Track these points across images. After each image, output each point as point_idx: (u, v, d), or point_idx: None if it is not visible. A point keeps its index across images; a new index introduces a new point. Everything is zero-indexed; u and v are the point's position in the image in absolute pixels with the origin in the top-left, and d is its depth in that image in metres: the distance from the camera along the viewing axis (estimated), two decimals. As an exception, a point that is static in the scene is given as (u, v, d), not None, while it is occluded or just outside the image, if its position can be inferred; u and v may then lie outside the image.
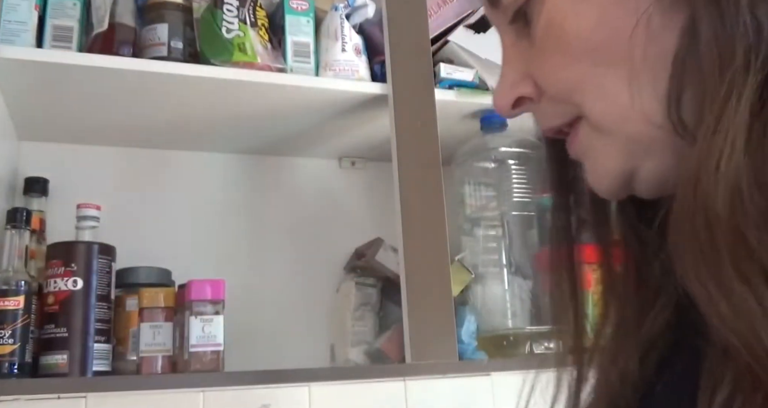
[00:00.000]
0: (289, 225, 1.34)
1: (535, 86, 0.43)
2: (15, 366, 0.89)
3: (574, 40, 0.39)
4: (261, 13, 1.13)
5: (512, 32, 0.43)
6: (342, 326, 1.21)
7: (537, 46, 0.41)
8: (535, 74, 0.42)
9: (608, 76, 0.38)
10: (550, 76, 0.41)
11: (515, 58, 0.43)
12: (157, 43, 1.07)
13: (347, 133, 1.29)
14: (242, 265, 1.28)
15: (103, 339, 0.95)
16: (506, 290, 1.15)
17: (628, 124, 0.38)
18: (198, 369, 0.95)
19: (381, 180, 1.35)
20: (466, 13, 1.24)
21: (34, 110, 1.12)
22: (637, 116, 0.38)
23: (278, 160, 1.38)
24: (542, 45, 0.41)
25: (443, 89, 1.16)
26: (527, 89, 0.43)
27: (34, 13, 1.01)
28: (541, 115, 0.45)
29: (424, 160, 1.09)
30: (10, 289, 0.91)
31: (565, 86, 0.40)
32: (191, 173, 1.31)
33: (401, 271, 1.04)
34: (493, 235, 1.19)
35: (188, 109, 1.14)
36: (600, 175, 0.42)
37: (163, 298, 1.01)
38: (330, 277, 1.31)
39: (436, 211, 1.07)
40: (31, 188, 1.12)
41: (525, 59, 0.43)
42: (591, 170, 0.43)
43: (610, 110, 0.39)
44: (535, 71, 0.42)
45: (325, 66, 1.14)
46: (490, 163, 1.21)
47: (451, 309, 1.04)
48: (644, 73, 0.37)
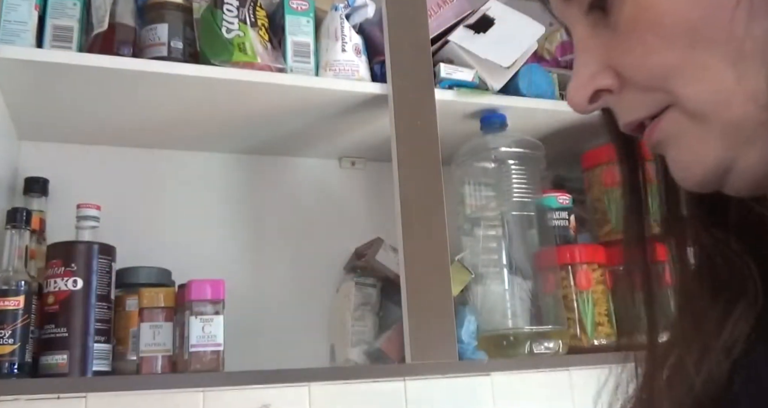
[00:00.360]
0: (289, 225, 1.34)
1: (617, 76, 0.40)
2: (15, 366, 0.89)
3: (668, 20, 0.37)
4: (261, 13, 1.13)
5: (588, 23, 0.41)
6: (342, 326, 1.21)
7: (622, 32, 0.39)
8: (619, 63, 0.40)
9: (709, 57, 0.36)
10: (640, 62, 0.39)
11: (592, 50, 0.41)
12: (157, 43, 1.07)
13: (347, 133, 1.29)
14: (242, 265, 1.28)
15: (103, 339, 0.95)
16: (506, 290, 1.15)
17: (731, 108, 0.36)
18: (198, 369, 0.95)
19: (381, 180, 1.35)
20: (466, 13, 1.24)
21: (34, 110, 1.12)
22: (742, 99, 0.36)
23: (278, 160, 1.38)
24: (630, 30, 0.38)
25: (443, 89, 1.16)
26: (607, 80, 0.40)
27: (34, 13, 1.01)
28: (623, 107, 0.42)
29: (424, 160, 1.09)
30: (10, 289, 0.91)
31: (659, 72, 0.38)
32: (191, 173, 1.31)
33: (401, 271, 1.04)
34: (493, 235, 1.19)
35: (188, 109, 1.14)
36: (690, 166, 0.39)
37: (163, 298, 1.01)
38: (330, 277, 1.31)
39: (436, 211, 1.07)
40: (31, 188, 1.12)
41: (604, 50, 0.40)
42: (678, 160, 0.40)
43: (712, 94, 0.36)
44: (618, 60, 0.40)
45: (325, 66, 1.14)
46: (490, 163, 1.21)
47: (451, 309, 1.04)
48: (750, 51, 0.35)
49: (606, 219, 1.30)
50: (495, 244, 1.18)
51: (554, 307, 1.18)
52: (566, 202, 1.29)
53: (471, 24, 1.21)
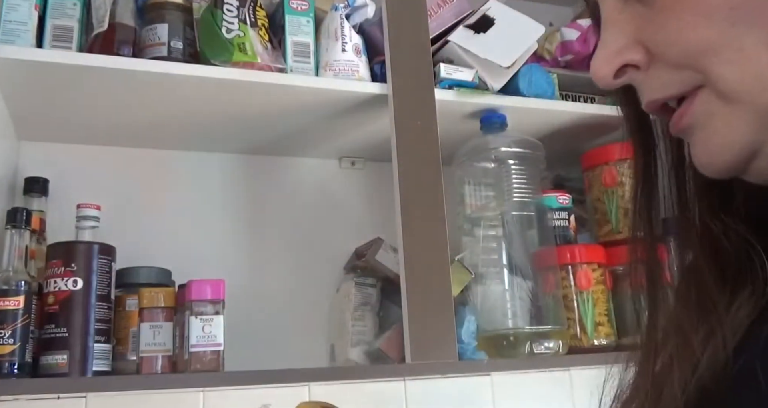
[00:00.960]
0: (289, 225, 1.34)
1: (646, 52, 0.39)
2: (15, 366, 0.89)
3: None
4: (261, 13, 1.13)
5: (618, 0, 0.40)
6: (342, 326, 1.21)
7: (658, 7, 0.38)
8: (651, 39, 0.39)
9: (749, 36, 0.36)
10: (675, 37, 0.38)
11: (622, 24, 0.40)
12: (157, 43, 1.07)
13: (347, 133, 1.29)
14: (242, 265, 1.28)
15: (103, 339, 0.95)
16: (506, 290, 1.15)
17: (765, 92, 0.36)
18: (198, 369, 0.95)
19: (381, 180, 1.35)
20: (466, 13, 1.24)
21: (34, 110, 1.12)
22: None
23: (278, 160, 1.38)
24: (667, 5, 0.38)
25: (443, 89, 1.16)
26: (636, 56, 0.40)
27: (34, 13, 1.01)
28: (650, 84, 0.41)
29: (424, 160, 1.09)
30: (10, 289, 0.91)
31: (695, 48, 0.37)
32: (191, 173, 1.31)
33: (401, 271, 1.04)
34: (493, 235, 1.19)
35: (188, 109, 1.14)
36: (716, 149, 0.39)
37: (163, 298, 1.01)
38: (330, 277, 1.31)
39: (436, 211, 1.07)
40: (31, 188, 1.12)
41: (635, 25, 0.40)
42: (704, 143, 0.39)
43: (747, 75, 0.36)
44: (650, 35, 0.39)
45: (325, 66, 1.14)
46: (490, 163, 1.21)
47: (451, 309, 1.04)
48: None
49: (606, 219, 1.30)
50: (495, 244, 1.18)
51: (554, 307, 1.18)
52: (566, 202, 1.29)
53: (471, 24, 1.21)
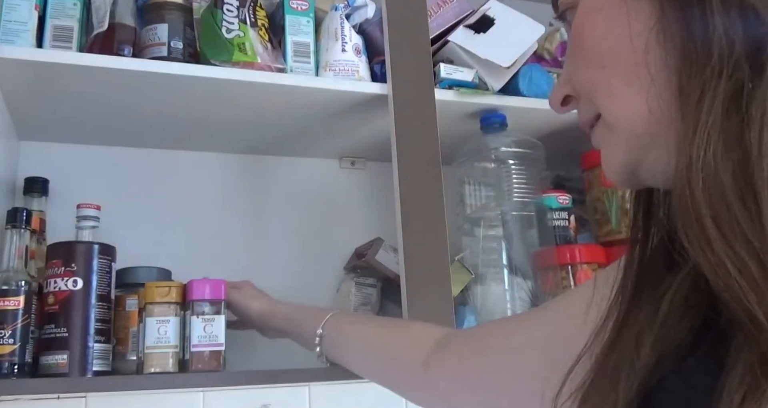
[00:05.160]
0: (289, 225, 1.34)
1: (574, 87, 0.49)
2: (15, 366, 0.89)
3: (588, 45, 0.47)
4: (261, 13, 1.13)
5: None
6: (342, 326, 1.21)
7: (572, 51, 0.48)
8: (572, 77, 0.49)
9: (613, 79, 0.45)
10: (577, 77, 0.48)
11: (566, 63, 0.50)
12: (157, 43, 1.07)
13: (347, 133, 1.29)
14: (242, 265, 1.28)
15: (103, 339, 0.95)
16: (506, 290, 1.15)
17: (633, 122, 0.44)
18: (198, 369, 0.95)
19: (381, 180, 1.35)
20: (466, 13, 1.24)
21: (34, 110, 1.12)
22: (640, 115, 0.43)
23: (278, 160, 1.38)
24: (571, 48, 0.48)
25: (443, 89, 1.16)
26: (570, 90, 0.50)
27: (34, 13, 1.01)
28: (579, 110, 0.51)
29: (424, 160, 1.09)
30: (10, 289, 0.91)
31: (587, 87, 0.47)
32: (191, 173, 1.31)
33: (401, 271, 1.04)
34: (493, 235, 1.19)
35: (188, 109, 1.14)
36: (610, 166, 0.48)
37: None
38: (330, 277, 1.31)
39: (436, 211, 1.07)
40: (31, 188, 1.12)
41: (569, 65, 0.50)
42: (605, 161, 0.48)
43: (618, 109, 0.45)
44: (572, 75, 0.49)
45: (325, 66, 1.14)
46: (490, 163, 1.21)
47: (451, 309, 1.04)
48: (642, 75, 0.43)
49: (606, 219, 1.30)
50: (495, 244, 1.18)
51: (554, 307, 1.18)
52: (566, 202, 1.29)
53: (471, 24, 1.21)
